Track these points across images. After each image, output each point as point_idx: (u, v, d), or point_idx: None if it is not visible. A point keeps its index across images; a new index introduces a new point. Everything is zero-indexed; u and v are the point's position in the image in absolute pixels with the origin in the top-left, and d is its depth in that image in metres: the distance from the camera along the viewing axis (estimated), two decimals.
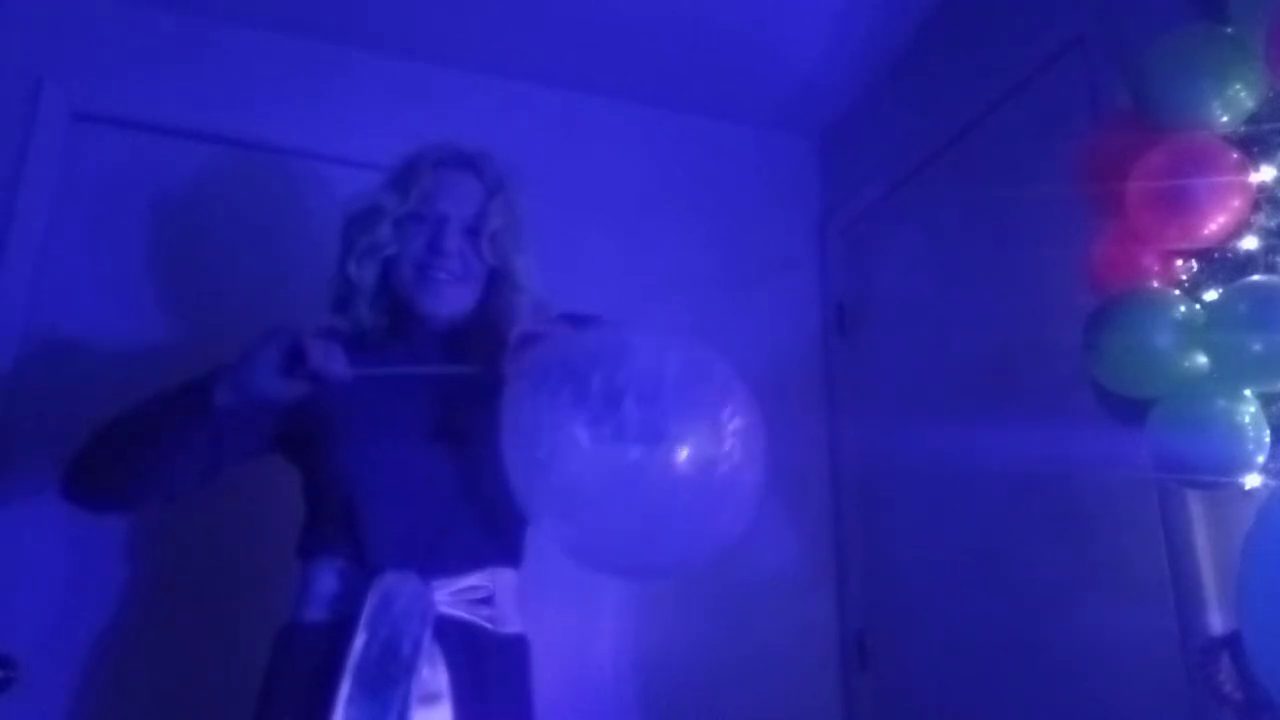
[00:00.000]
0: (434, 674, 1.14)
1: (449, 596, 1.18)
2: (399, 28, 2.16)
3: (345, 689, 1.08)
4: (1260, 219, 1.23)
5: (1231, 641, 1.25)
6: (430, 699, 1.13)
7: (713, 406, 1.10)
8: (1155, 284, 1.33)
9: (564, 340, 1.14)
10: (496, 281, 1.33)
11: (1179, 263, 1.32)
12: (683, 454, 1.06)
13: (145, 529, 1.79)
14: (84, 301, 1.90)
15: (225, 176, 2.06)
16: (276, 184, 2.07)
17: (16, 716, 1.66)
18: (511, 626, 1.27)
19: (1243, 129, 1.26)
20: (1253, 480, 1.21)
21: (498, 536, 1.27)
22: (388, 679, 1.10)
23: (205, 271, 1.98)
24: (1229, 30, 1.27)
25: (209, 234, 2.01)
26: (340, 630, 1.13)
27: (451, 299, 1.29)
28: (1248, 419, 1.19)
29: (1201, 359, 1.24)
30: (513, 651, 1.26)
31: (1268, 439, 1.19)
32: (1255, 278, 1.21)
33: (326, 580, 1.20)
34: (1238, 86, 1.24)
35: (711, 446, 1.08)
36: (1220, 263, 1.27)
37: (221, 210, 2.04)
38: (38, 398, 1.81)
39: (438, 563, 1.18)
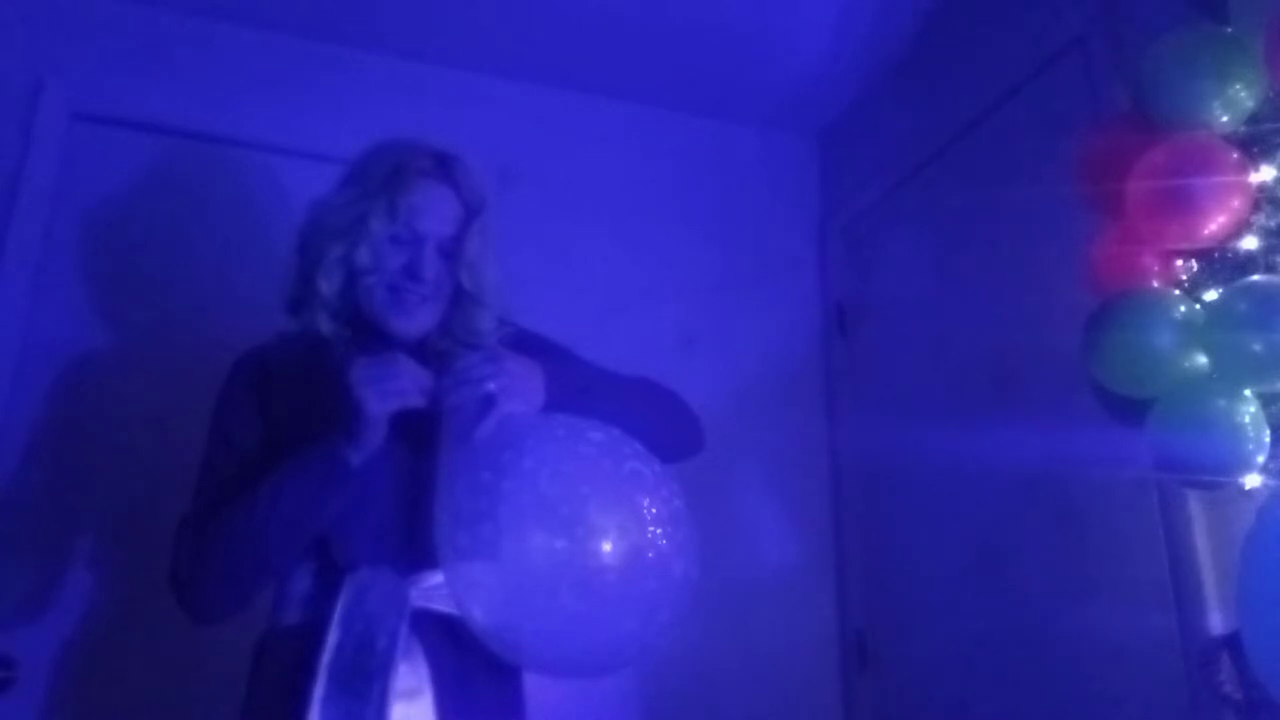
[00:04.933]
0: (413, 668, 1.13)
1: (425, 591, 1.16)
2: (399, 28, 2.17)
3: (320, 688, 1.08)
4: (1260, 219, 1.23)
5: (1231, 641, 1.25)
6: (410, 694, 1.12)
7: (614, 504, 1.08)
8: (1155, 284, 1.33)
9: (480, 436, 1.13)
10: (462, 296, 1.30)
11: (1179, 263, 1.32)
12: (605, 546, 1.04)
13: (144, 533, 1.79)
14: (83, 301, 1.90)
15: (225, 176, 2.06)
16: (275, 184, 2.07)
17: (16, 716, 1.66)
18: None
19: (1243, 129, 1.26)
20: (1253, 480, 1.21)
21: None
22: (364, 675, 1.09)
23: (205, 271, 1.98)
24: (1229, 30, 1.27)
25: (209, 234, 2.01)
26: (315, 630, 1.12)
27: (422, 319, 1.26)
28: (1248, 419, 1.19)
29: (1201, 359, 1.24)
30: None
31: (1268, 439, 1.19)
32: (1255, 278, 1.21)
33: (301, 583, 1.19)
34: (1238, 86, 1.24)
35: (631, 537, 1.06)
36: (1220, 263, 1.27)
37: (221, 210, 2.04)
38: (37, 397, 1.81)
39: (412, 558, 1.17)
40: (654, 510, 1.08)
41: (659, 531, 1.07)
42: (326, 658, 1.09)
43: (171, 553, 1.19)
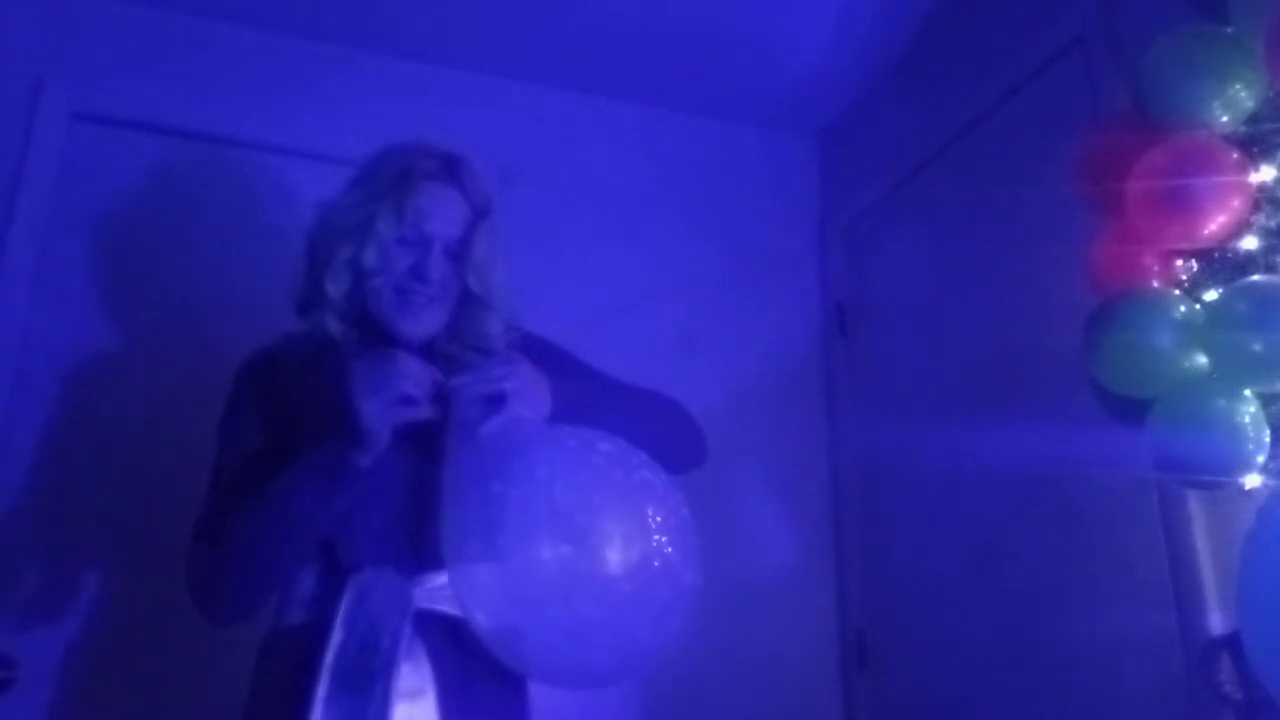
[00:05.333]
0: (416, 669, 1.14)
1: (428, 592, 1.17)
2: (399, 28, 2.17)
3: (323, 688, 1.08)
4: (1260, 219, 1.23)
5: (1231, 641, 1.25)
6: (413, 694, 1.12)
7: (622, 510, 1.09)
8: (1155, 284, 1.33)
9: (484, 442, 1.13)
10: (468, 299, 1.30)
11: (1179, 263, 1.32)
12: (610, 556, 1.05)
13: (144, 534, 1.79)
14: (84, 302, 1.90)
15: (225, 176, 2.06)
16: (275, 184, 2.07)
17: (16, 716, 1.66)
18: None
19: (1243, 129, 1.26)
20: (1253, 480, 1.21)
21: None
22: (367, 675, 1.09)
23: (205, 271, 1.98)
24: (1229, 30, 1.27)
25: (209, 234, 2.01)
26: (318, 630, 1.12)
27: (429, 320, 1.26)
28: (1248, 419, 1.19)
29: (1201, 359, 1.24)
30: None
31: (1268, 439, 1.19)
32: (1255, 278, 1.21)
33: (305, 583, 1.19)
34: (1238, 86, 1.24)
35: (633, 547, 1.07)
36: (1220, 263, 1.27)
37: (221, 210, 2.04)
38: (38, 397, 1.81)
39: (415, 559, 1.18)
40: (664, 520, 1.09)
41: (669, 540, 1.08)
42: (330, 658, 1.09)
43: (186, 558, 1.20)
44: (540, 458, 1.09)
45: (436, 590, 1.17)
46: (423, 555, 1.17)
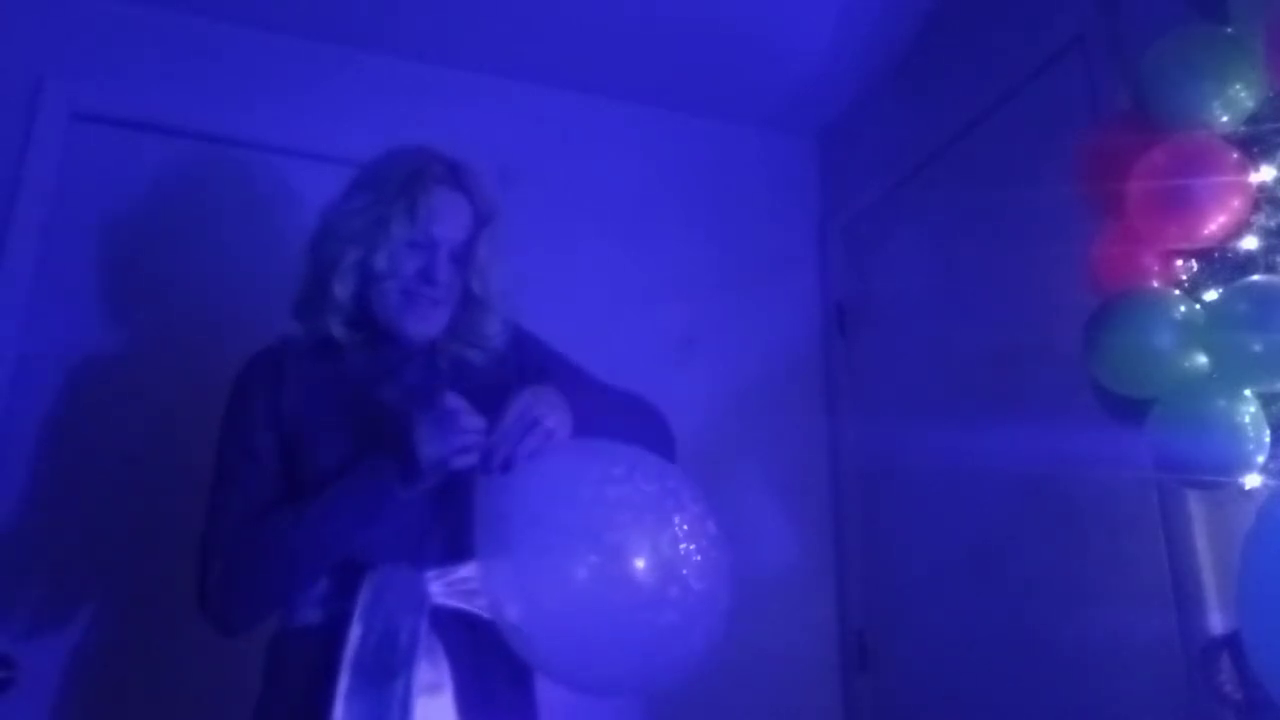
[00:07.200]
0: (434, 664, 1.14)
1: (443, 588, 1.18)
2: (399, 28, 2.17)
3: (344, 684, 1.08)
4: (1260, 219, 1.23)
5: (1231, 641, 1.25)
6: (432, 689, 1.13)
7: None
8: (1155, 284, 1.33)
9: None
10: (469, 300, 1.33)
11: (1179, 263, 1.32)
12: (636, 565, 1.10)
13: (146, 533, 1.79)
14: (83, 301, 1.90)
15: (225, 176, 2.06)
16: (276, 184, 2.07)
17: (16, 716, 1.66)
18: None
19: (1243, 129, 1.26)
20: (1253, 480, 1.21)
21: None
22: (387, 671, 1.10)
23: (205, 271, 1.98)
24: (1229, 30, 1.27)
25: (209, 234, 2.01)
26: (335, 628, 1.13)
27: (433, 322, 1.29)
28: (1248, 419, 1.19)
29: (1201, 359, 1.24)
30: None
31: (1268, 439, 1.19)
32: (1255, 278, 1.21)
33: (318, 582, 1.19)
34: (1238, 86, 1.24)
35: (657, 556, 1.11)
36: (1220, 263, 1.27)
37: (221, 210, 2.04)
38: (37, 397, 1.81)
39: (429, 556, 1.19)
40: (700, 529, 1.15)
41: (706, 549, 1.14)
42: (349, 654, 1.10)
43: (199, 567, 1.19)
44: (582, 458, 1.15)
45: (451, 586, 1.18)
46: (436, 551, 1.18)
